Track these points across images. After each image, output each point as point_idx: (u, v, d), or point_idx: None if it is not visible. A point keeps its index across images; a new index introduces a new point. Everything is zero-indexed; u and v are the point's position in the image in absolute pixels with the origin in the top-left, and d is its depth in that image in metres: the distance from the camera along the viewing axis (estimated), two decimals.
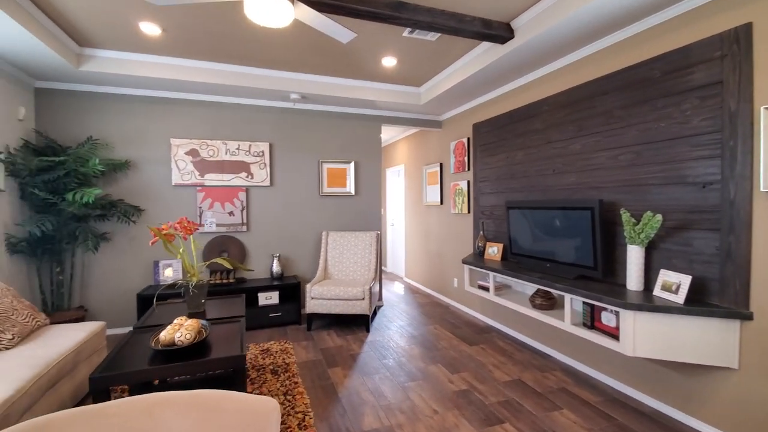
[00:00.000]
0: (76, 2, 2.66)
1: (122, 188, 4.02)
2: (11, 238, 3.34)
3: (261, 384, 2.83)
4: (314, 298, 3.93)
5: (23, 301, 2.67)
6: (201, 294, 2.61)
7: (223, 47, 3.38)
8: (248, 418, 1.25)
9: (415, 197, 6.13)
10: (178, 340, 1.89)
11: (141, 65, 3.56)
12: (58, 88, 3.79)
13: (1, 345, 2.27)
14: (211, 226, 4.24)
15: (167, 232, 2.38)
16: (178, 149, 4.12)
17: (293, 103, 4.45)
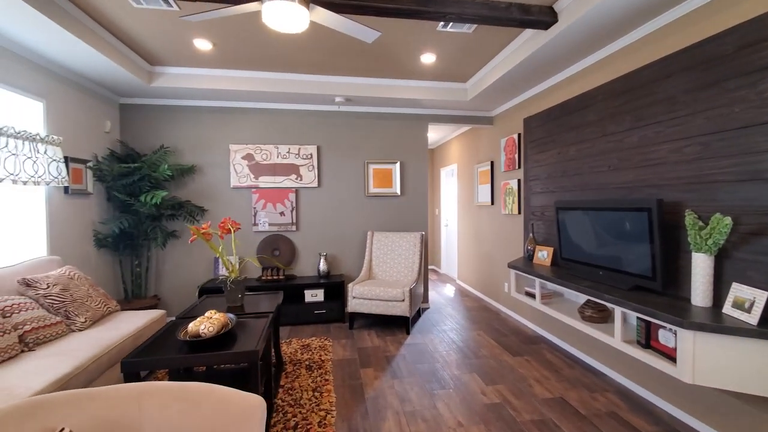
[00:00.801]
0: (142, 27, 2.99)
1: (189, 190, 4.45)
2: (98, 234, 3.88)
3: (294, 378, 2.94)
4: (355, 297, 3.98)
5: (98, 289, 3.08)
6: (238, 289, 2.78)
7: (269, 56, 3.57)
8: (231, 413, 1.29)
9: (466, 197, 5.91)
10: (202, 332, 2.03)
11: (200, 78, 3.91)
12: (136, 103, 4.32)
13: (74, 327, 2.64)
14: (264, 225, 4.52)
15: (205, 231, 2.58)
16: (235, 154, 4.45)
17: (338, 106, 4.55)
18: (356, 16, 2.83)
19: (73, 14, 2.73)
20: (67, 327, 2.61)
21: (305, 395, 2.68)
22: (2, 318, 2.23)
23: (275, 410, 2.49)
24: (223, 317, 2.20)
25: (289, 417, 2.41)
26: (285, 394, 2.69)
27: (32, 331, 2.33)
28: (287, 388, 2.79)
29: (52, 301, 2.61)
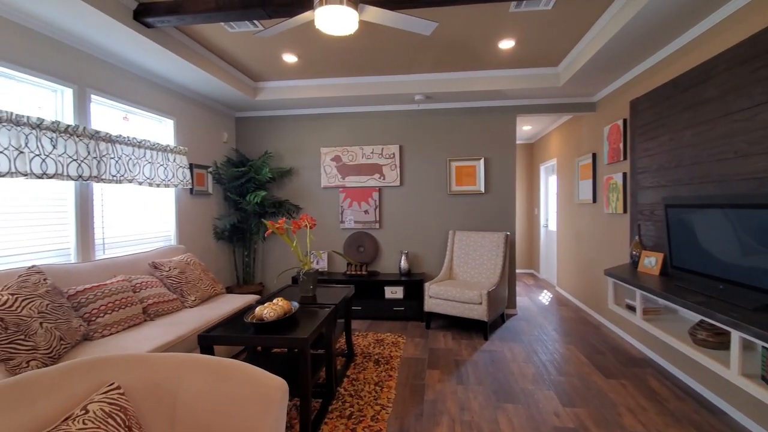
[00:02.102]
0: (240, 48, 3.45)
1: (288, 190, 4.96)
2: (216, 228, 4.60)
3: (361, 370, 3.04)
4: (432, 297, 3.92)
5: (209, 274, 3.65)
6: (309, 280, 2.99)
7: (347, 61, 3.75)
8: (256, 390, 1.40)
9: (566, 194, 5.28)
10: (265, 316, 2.25)
11: (291, 89, 4.32)
12: (247, 115, 4.98)
13: (186, 304, 3.18)
14: (350, 223, 4.77)
15: (279, 226, 2.85)
16: (325, 156, 4.79)
17: (418, 104, 4.53)
18: (412, 10, 2.78)
19: (191, 47, 3.29)
20: (181, 303, 3.16)
21: (366, 388, 2.75)
22: (133, 292, 2.81)
23: (336, 398, 2.62)
24: (287, 304, 2.40)
25: (346, 406, 2.51)
26: (348, 384, 2.81)
27: (153, 305, 2.88)
28: (352, 378, 2.90)
29: (172, 281, 3.19)
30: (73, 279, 2.56)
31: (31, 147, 2.45)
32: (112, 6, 2.50)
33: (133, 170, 3.28)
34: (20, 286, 2.10)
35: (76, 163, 2.75)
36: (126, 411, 1.14)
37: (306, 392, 2.07)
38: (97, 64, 3.03)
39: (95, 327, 2.42)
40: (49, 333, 2.06)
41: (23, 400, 1.04)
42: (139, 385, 1.30)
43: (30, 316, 2.02)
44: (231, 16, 2.65)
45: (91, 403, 1.08)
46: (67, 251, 2.87)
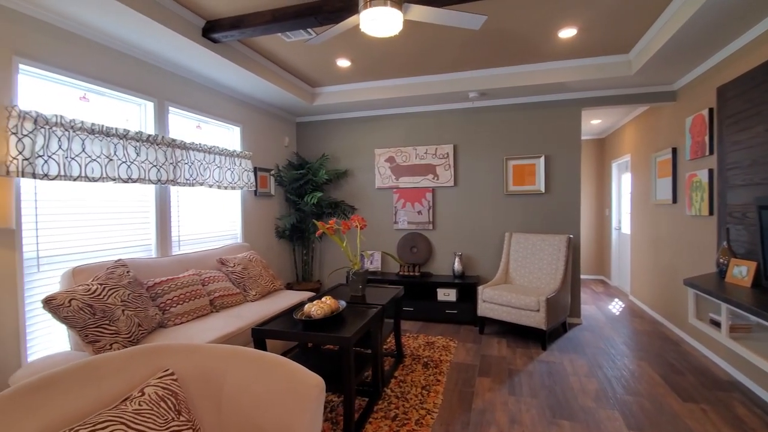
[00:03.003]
0: (297, 57, 3.62)
1: (344, 191, 5.10)
2: (278, 228, 4.88)
3: (409, 372, 3.03)
4: (485, 301, 3.78)
5: (269, 270, 3.88)
6: (359, 280, 3.05)
7: (398, 63, 3.76)
8: (294, 386, 1.46)
9: (642, 194, 4.78)
10: (312, 313, 2.33)
11: (346, 93, 4.43)
12: (306, 120, 5.21)
13: (248, 298, 3.41)
14: (403, 223, 4.77)
15: (329, 227, 2.93)
16: (379, 157, 4.85)
17: (472, 102, 4.39)
18: (458, 6, 2.69)
19: (254, 59, 3.52)
20: (243, 297, 3.39)
21: (413, 391, 2.73)
22: (202, 286, 3.08)
23: (382, 398, 2.64)
24: (334, 303, 2.47)
25: (392, 407, 2.51)
26: (395, 386, 2.81)
27: (219, 298, 3.13)
28: (399, 380, 2.91)
29: (236, 276, 3.44)
30: (151, 272, 2.87)
31: (118, 155, 2.79)
32: (184, 26, 2.76)
33: (204, 174, 3.59)
34: (107, 277, 2.40)
35: (156, 169, 3.08)
36: (177, 396, 1.25)
37: (349, 390, 2.12)
38: (174, 79, 3.37)
39: (169, 316, 2.68)
40: (129, 320, 2.33)
41: (93, 379, 1.19)
42: (191, 373, 1.42)
43: (114, 304, 2.30)
44: (286, 26, 2.79)
45: (147, 387, 1.21)
46: (149, 247, 3.22)
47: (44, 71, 2.42)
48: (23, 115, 2.21)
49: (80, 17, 2.45)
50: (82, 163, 2.54)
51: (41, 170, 2.30)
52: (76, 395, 1.13)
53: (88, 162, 2.58)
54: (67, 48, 2.52)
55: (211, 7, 2.72)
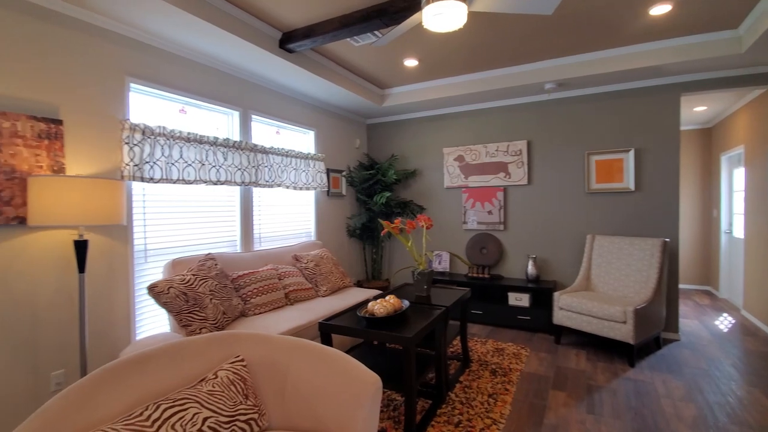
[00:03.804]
0: (365, 60, 3.71)
1: (412, 191, 5.11)
2: (349, 227, 5.05)
3: (475, 378, 2.93)
4: (563, 308, 3.51)
5: (339, 268, 4.04)
6: (424, 280, 3.03)
7: (469, 58, 3.65)
8: (351, 381, 1.50)
9: (760, 192, 4.02)
10: (375, 311, 2.37)
11: (414, 92, 4.42)
12: (376, 122, 5.32)
13: (319, 293, 3.59)
14: (473, 223, 4.63)
15: (394, 226, 2.95)
16: (448, 156, 4.77)
17: (548, 93, 4.09)
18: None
19: (326, 65, 3.69)
20: (315, 292, 3.58)
21: (479, 398, 2.64)
22: (278, 280, 3.31)
23: (446, 402, 2.59)
24: (397, 302, 2.49)
25: (455, 413, 2.46)
26: (461, 391, 2.74)
27: (293, 292, 3.34)
28: (465, 385, 2.83)
29: (308, 272, 3.63)
30: (235, 265, 3.16)
31: (209, 160, 3.12)
32: (264, 39, 2.99)
33: (281, 176, 3.86)
34: (199, 269, 2.69)
35: (240, 172, 3.39)
36: (245, 381, 1.36)
37: (410, 391, 2.11)
38: (256, 89, 3.67)
39: (249, 306, 2.93)
40: (216, 308, 2.59)
41: (177, 359, 1.35)
42: (259, 360, 1.54)
43: (204, 293, 2.58)
44: (353, 30, 2.87)
45: (220, 370, 1.33)
46: (234, 242, 3.55)
47: (150, 88, 2.80)
48: (134, 128, 2.57)
49: (179, 39, 2.79)
50: (180, 167, 2.89)
51: (148, 174, 2.66)
52: (163, 372, 1.29)
53: (184, 167, 2.92)
54: (168, 67, 2.89)
55: (286, 19, 2.91)
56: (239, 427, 1.30)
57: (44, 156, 2.17)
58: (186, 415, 1.21)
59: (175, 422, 1.18)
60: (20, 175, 2.08)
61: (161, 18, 2.46)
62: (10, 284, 2.08)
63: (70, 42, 2.33)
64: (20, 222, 2.08)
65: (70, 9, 2.30)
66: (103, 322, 2.50)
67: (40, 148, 2.15)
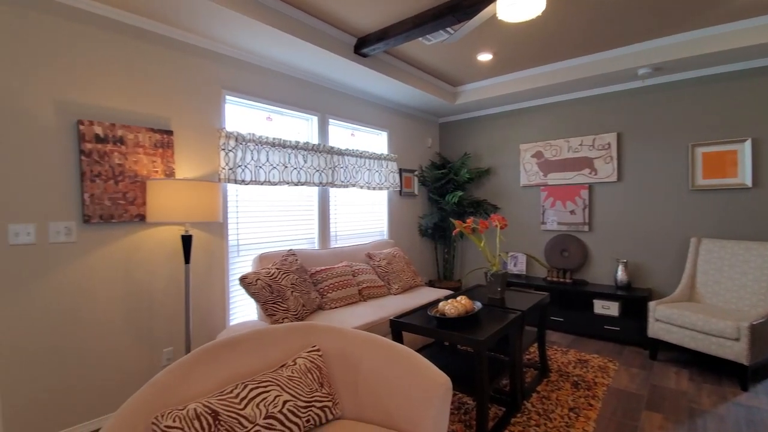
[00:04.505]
0: (438, 58, 3.69)
1: (486, 190, 4.96)
2: (421, 226, 5.07)
3: (554, 389, 2.76)
4: (660, 320, 3.14)
5: (411, 267, 4.07)
6: (497, 282, 2.92)
7: (547, 47, 3.43)
8: (419, 380, 1.52)
9: None
10: (446, 311, 2.35)
11: (488, 88, 4.28)
12: (449, 120, 5.26)
13: (391, 291, 3.66)
14: (552, 224, 4.35)
15: (466, 225, 2.89)
16: (525, 153, 4.53)
17: (642, 80, 3.66)
18: None
19: (398, 66, 3.75)
20: (387, 290, 3.65)
21: (558, 410, 2.48)
22: (352, 276, 3.45)
23: (521, 411, 2.48)
24: (469, 303, 2.44)
25: (531, 423, 2.34)
26: (537, 401, 2.60)
27: (366, 289, 3.45)
28: (542, 395, 2.67)
29: (381, 270, 3.73)
30: (313, 261, 3.35)
31: (291, 162, 3.36)
32: (340, 46, 3.13)
33: (356, 176, 4.01)
34: (282, 264, 2.92)
35: (318, 173, 3.59)
36: (321, 370, 1.45)
37: (482, 396, 2.06)
38: (333, 94, 3.85)
39: (326, 300, 3.10)
40: (296, 300, 2.79)
41: (261, 345, 1.49)
42: (334, 352, 1.62)
43: (286, 285, 2.79)
44: (426, 29, 2.87)
45: (299, 358, 1.44)
46: (312, 240, 3.77)
47: (241, 99, 3.10)
48: (228, 135, 2.87)
49: (266, 52, 3.04)
50: (266, 170, 3.15)
51: (240, 177, 2.95)
52: (249, 356, 1.43)
53: (270, 169, 3.18)
54: (257, 79, 3.17)
55: (360, 25, 3.01)
56: (314, 413, 1.40)
57: (159, 162, 2.53)
58: (268, 396, 1.32)
59: (259, 402, 1.30)
60: (141, 179, 2.45)
61: (252, 34, 2.71)
62: (133, 273, 2.47)
63: (178, 62, 2.67)
64: (140, 219, 2.46)
65: (178, 33, 2.64)
66: (203, 307, 2.84)
67: (156, 155, 2.51)
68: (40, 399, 2.11)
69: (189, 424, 1.15)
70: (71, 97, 2.22)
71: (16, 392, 2.04)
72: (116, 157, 2.34)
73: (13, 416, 2.02)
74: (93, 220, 2.26)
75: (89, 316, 2.29)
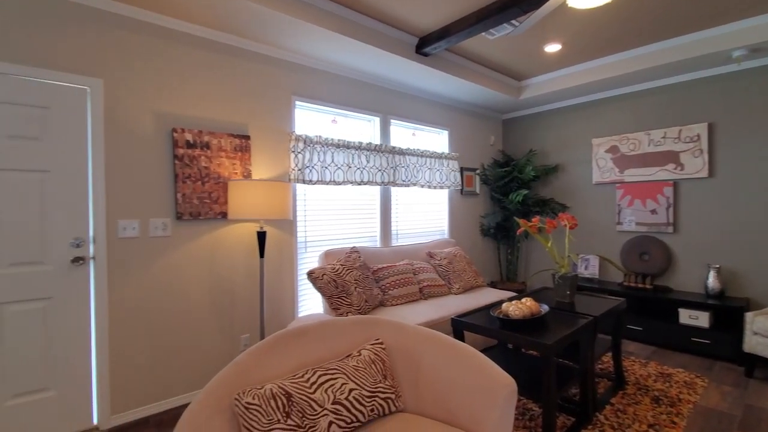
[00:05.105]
0: (501, 52, 3.59)
1: (553, 189, 4.71)
2: (482, 225, 4.96)
3: (631, 403, 2.55)
4: (758, 333, 2.77)
5: (472, 267, 4.00)
6: (566, 285, 2.77)
7: (623, 33, 3.18)
8: (482, 380, 1.51)
9: None
10: (510, 312, 2.29)
11: (557, 80, 4.06)
12: (513, 116, 5.08)
13: (452, 291, 3.63)
14: (629, 224, 4.01)
15: (532, 225, 2.78)
16: (598, 148, 4.23)
17: (738, 63, 3.21)
18: None
19: (459, 63, 3.71)
20: (447, 289, 3.64)
21: (636, 426, 2.30)
22: (413, 275, 3.48)
23: (592, 423, 2.34)
24: (534, 306, 2.35)
25: None
26: (611, 414, 2.43)
27: (427, 287, 3.47)
28: (617, 408, 2.49)
29: (442, 269, 3.72)
30: (375, 258, 3.44)
31: (355, 163, 3.48)
32: (402, 47, 3.18)
33: (417, 176, 4.04)
34: (346, 260, 3.04)
35: (380, 173, 3.68)
36: (384, 362, 1.51)
37: (549, 403, 1.98)
38: (394, 95, 3.92)
39: (387, 297, 3.17)
40: (359, 296, 2.89)
41: (328, 335, 1.58)
42: (396, 346, 1.67)
43: (349, 281, 2.90)
44: (489, 23, 2.82)
45: (363, 350, 1.51)
46: (374, 238, 3.87)
47: (309, 103, 3.27)
48: (297, 138, 3.06)
49: (332, 58, 3.19)
50: (332, 170, 3.30)
51: (308, 177, 3.12)
52: (317, 345, 1.53)
53: (335, 170, 3.33)
54: (323, 84, 3.33)
55: (422, 24, 3.03)
56: (378, 403, 1.45)
57: (238, 165, 2.77)
58: (336, 383, 1.41)
59: (327, 388, 1.38)
60: (223, 180, 2.70)
61: (320, 41, 2.86)
62: (217, 266, 2.73)
63: (254, 72, 2.91)
64: (222, 216, 2.71)
65: (254, 45, 2.87)
66: (275, 298, 3.05)
67: (235, 158, 2.76)
68: (140, 372, 2.42)
69: (266, 402, 1.27)
70: (166, 108, 2.52)
71: (123, 363, 2.36)
72: (203, 160, 2.61)
73: (118, 385, 2.35)
74: (184, 217, 2.54)
75: (182, 302, 2.58)
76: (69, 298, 2.22)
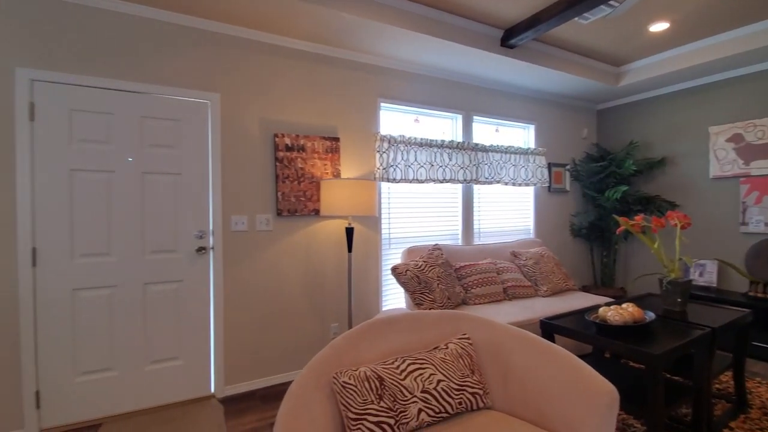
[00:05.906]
0: (596, 38, 3.33)
1: (659, 185, 4.23)
2: (573, 225, 4.63)
3: (755, 428, 2.20)
4: None
5: (561, 269, 3.77)
6: (677, 292, 2.48)
7: (747, 3, 2.73)
8: (578, 387, 1.43)
9: None
10: (608, 318, 2.13)
11: (665, 62, 3.63)
12: (609, 106, 4.65)
13: (539, 293, 3.47)
14: (757, 225, 3.44)
15: (635, 223, 2.53)
16: (716, 137, 3.69)
17: None
18: None
19: (547, 52, 3.52)
20: (534, 291, 3.48)
21: None
22: (497, 274, 3.40)
23: None
24: (638, 312, 2.15)
25: None
26: None
27: (511, 288, 3.36)
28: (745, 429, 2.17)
29: (527, 270, 3.57)
30: (457, 256, 3.43)
31: (437, 161, 3.51)
32: (486, 41, 3.13)
33: (500, 173, 3.93)
34: (428, 257, 3.08)
35: (462, 170, 3.65)
36: (471, 357, 1.52)
37: (654, 420, 1.81)
38: (477, 91, 3.86)
39: (470, 295, 3.14)
40: (442, 292, 2.92)
41: (415, 326, 1.64)
42: (483, 342, 1.67)
43: (432, 278, 2.94)
44: (583, 7, 2.63)
45: (450, 343, 1.54)
46: (456, 236, 3.85)
47: (393, 104, 3.38)
48: (382, 138, 3.18)
49: (415, 58, 3.26)
50: (414, 169, 3.37)
51: (392, 176, 3.23)
52: (405, 335, 1.60)
53: (417, 168, 3.39)
54: (406, 84, 3.41)
55: (509, 15, 2.94)
56: (466, 397, 1.47)
57: (329, 165, 2.99)
58: (424, 373, 1.46)
59: (416, 376, 1.44)
60: (315, 179, 2.93)
61: (405, 43, 2.95)
62: (311, 258, 2.97)
63: (343, 77, 3.10)
64: (315, 213, 2.94)
65: (343, 52, 3.06)
66: (361, 291, 3.22)
67: (326, 159, 2.97)
68: (247, 349, 2.75)
69: (361, 383, 1.37)
70: (270, 115, 2.81)
71: (235, 340, 2.70)
72: (299, 162, 2.86)
73: (230, 359, 2.69)
74: (283, 214, 2.82)
75: (281, 289, 2.86)
76: (194, 282, 2.61)
